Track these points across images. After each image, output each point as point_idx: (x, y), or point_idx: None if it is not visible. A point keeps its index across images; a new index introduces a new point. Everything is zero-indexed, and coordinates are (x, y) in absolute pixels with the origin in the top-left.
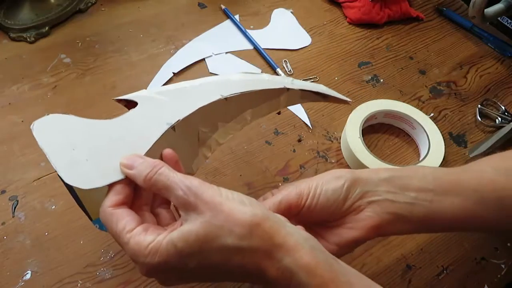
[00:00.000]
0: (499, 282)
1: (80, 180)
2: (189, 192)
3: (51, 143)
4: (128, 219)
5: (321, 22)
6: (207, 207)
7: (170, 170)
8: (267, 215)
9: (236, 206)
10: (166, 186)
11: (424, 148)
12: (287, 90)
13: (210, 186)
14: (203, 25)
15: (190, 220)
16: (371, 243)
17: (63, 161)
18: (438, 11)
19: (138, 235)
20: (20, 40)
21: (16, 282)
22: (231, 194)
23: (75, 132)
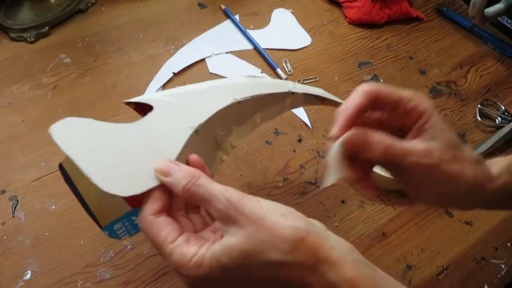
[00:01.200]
0: (499, 282)
1: (116, 187)
2: (229, 205)
3: (75, 148)
4: (169, 229)
5: (321, 22)
6: (249, 222)
7: (208, 181)
8: (310, 228)
9: (279, 220)
10: (205, 198)
11: None
12: (292, 94)
13: (249, 198)
14: (203, 25)
15: (232, 233)
16: (371, 243)
17: (94, 167)
18: (438, 11)
19: (180, 246)
20: (20, 40)
21: (16, 282)
22: (272, 205)
23: (97, 136)
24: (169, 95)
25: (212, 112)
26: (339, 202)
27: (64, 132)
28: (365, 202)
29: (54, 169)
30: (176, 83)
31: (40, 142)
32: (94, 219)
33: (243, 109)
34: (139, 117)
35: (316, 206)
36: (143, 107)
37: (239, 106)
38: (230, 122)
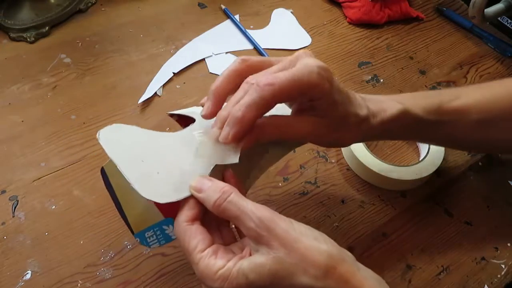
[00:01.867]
0: (499, 282)
1: (155, 194)
2: (261, 225)
3: (120, 154)
4: (200, 238)
5: (321, 22)
6: (281, 244)
7: (240, 198)
8: (344, 256)
9: (312, 244)
10: (236, 216)
11: (424, 148)
12: None
13: (282, 219)
14: (203, 25)
15: (262, 252)
16: (371, 243)
17: (136, 174)
18: (438, 11)
19: (208, 257)
20: (20, 40)
21: (16, 282)
22: (304, 229)
23: (141, 143)
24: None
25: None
26: (339, 202)
27: (109, 138)
28: (365, 202)
29: (54, 169)
30: (176, 83)
31: (40, 142)
32: (128, 225)
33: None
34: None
35: (316, 206)
36: (185, 120)
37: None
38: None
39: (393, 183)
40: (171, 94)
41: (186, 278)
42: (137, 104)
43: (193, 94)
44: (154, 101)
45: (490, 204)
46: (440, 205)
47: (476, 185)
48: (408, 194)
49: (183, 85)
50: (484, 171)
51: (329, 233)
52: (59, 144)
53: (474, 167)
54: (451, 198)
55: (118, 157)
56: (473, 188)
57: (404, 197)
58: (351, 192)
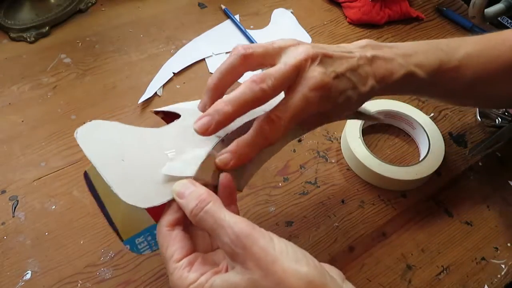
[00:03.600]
0: (499, 282)
1: (137, 198)
2: (237, 241)
3: (99, 155)
4: (179, 246)
5: (321, 22)
6: (257, 265)
7: (218, 208)
8: (325, 282)
9: (291, 266)
10: (213, 228)
11: (424, 148)
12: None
13: (261, 235)
14: (203, 25)
15: (237, 271)
16: (371, 243)
17: (116, 176)
18: (438, 11)
19: (182, 269)
20: (20, 40)
21: (16, 282)
22: (285, 247)
23: (122, 141)
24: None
25: (240, 123)
26: (339, 202)
27: (89, 136)
28: (365, 202)
29: (54, 169)
30: (176, 83)
31: (40, 142)
32: (116, 231)
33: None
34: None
35: (316, 206)
36: (171, 116)
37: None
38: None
39: (393, 183)
40: (171, 94)
41: None
42: (137, 104)
43: (193, 94)
44: (154, 101)
45: (490, 204)
46: (440, 205)
47: (476, 185)
48: (408, 194)
49: (183, 85)
50: (484, 171)
51: (329, 233)
52: (59, 144)
53: (474, 167)
54: (451, 198)
55: (98, 158)
56: (473, 188)
57: (404, 197)
58: (351, 192)
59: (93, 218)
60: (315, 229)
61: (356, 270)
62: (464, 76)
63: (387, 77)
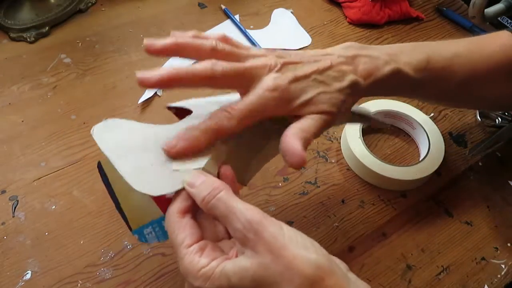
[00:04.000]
0: (499, 282)
1: (148, 187)
2: (249, 227)
3: (113, 148)
4: (189, 232)
5: (321, 22)
6: (268, 249)
7: (230, 196)
8: (333, 269)
9: (300, 253)
10: (224, 215)
11: (424, 148)
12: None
13: (272, 222)
14: (203, 25)
15: (247, 256)
16: (371, 243)
17: (129, 167)
18: (438, 11)
19: (193, 254)
20: (20, 40)
21: (16, 282)
22: (295, 235)
23: (135, 137)
24: (212, 102)
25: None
26: (339, 202)
27: (104, 133)
28: (365, 202)
29: (54, 169)
30: None
31: (40, 142)
32: (126, 221)
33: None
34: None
35: (316, 206)
36: (183, 112)
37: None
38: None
39: (393, 183)
40: (171, 94)
41: None
42: (137, 104)
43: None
44: (154, 101)
45: (490, 204)
46: (440, 205)
47: (476, 185)
48: (408, 194)
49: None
50: (484, 171)
51: (329, 233)
52: (59, 144)
53: (474, 167)
54: (451, 198)
55: (112, 151)
56: (473, 188)
57: (404, 197)
58: (351, 192)
59: (93, 218)
60: (315, 229)
61: (356, 270)
62: (455, 76)
63: (372, 73)
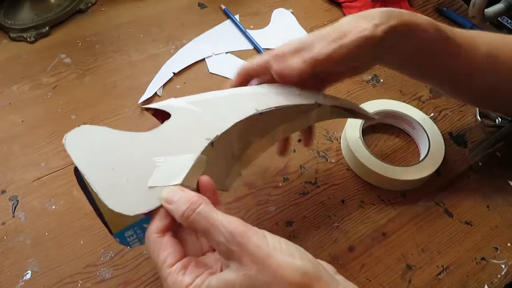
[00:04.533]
0: (499, 282)
1: (124, 206)
2: (232, 240)
3: (87, 162)
4: (170, 251)
5: (321, 22)
6: (252, 260)
7: (210, 209)
8: (319, 274)
9: (285, 260)
10: (205, 229)
11: (424, 148)
12: (318, 106)
13: (255, 232)
14: (203, 25)
15: (232, 269)
16: (371, 243)
17: (103, 183)
18: (438, 11)
19: (176, 273)
20: (20, 40)
21: (16, 282)
22: (279, 243)
23: (111, 147)
24: (190, 102)
25: (231, 123)
26: (339, 202)
27: (77, 142)
28: (365, 202)
29: (54, 169)
30: (176, 83)
31: (40, 142)
32: (106, 225)
33: (264, 121)
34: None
35: (316, 206)
36: (162, 114)
37: (260, 117)
38: (250, 134)
39: (393, 183)
40: (171, 94)
41: None
42: (137, 104)
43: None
44: (154, 101)
45: (490, 204)
46: (440, 205)
47: (476, 185)
48: (408, 194)
49: (183, 85)
50: (484, 171)
51: (329, 233)
52: (59, 144)
53: (474, 167)
54: (451, 198)
55: (85, 165)
56: (473, 188)
57: (404, 197)
58: (351, 192)
59: (93, 218)
60: (315, 229)
61: (356, 270)
62: (477, 50)
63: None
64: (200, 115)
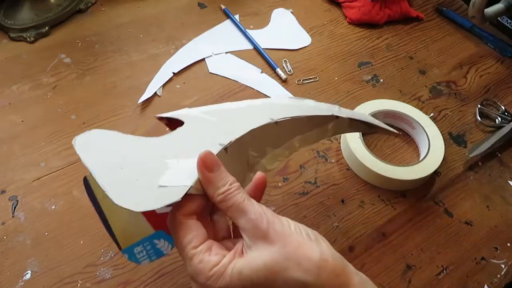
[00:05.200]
0: (499, 282)
1: (131, 202)
2: (261, 218)
3: (96, 161)
4: (196, 233)
5: (321, 22)
6: (277, 237)
7: (246, 194)
8: (333, 252)
9: (306, 241)
10: (240, 208)
11: (424, 148)
12: (336, 118)
13: (279, 218)
14: (203, 25)
15: (257, 248)
16: (371, 243)
17: (112, 181)
18: (438, 11)
19: (202, 253)
20: (20, 40)
21: (16, 282)
22: (299, 228)
23: (121, 150)
24: (204, 112)
25: (245, 131)
26: (339, 202)
27: (86, 144)
28: (365, 202)
29: (54, 169)
30: (176, 83)
31: (40, 142)
32: (115, 240)
33: (280, 131)
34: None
35: (316, 206)
36: (175, 123)
37: (276, 126)
38: (265, 144)
39: (393, 183)
40: (171, 94)
41: (186, 278)
42: (137, 104)
43: (193, 94)
44: (154, 101)
45: (490, 204)
46: (440, 205)
47: (476, 185)
48: (408, 194)
49: (183, 85)
50: (484, 171)
51: (329, 233)
52: (59, 144)
53: (474, 167)
54: (451, 198)
55: (94, 164)
56: (473, 188)
57: (404, 197)
58: (351, 192)
59: (93, 218)
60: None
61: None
62: None
63: None
64: (214, 123)
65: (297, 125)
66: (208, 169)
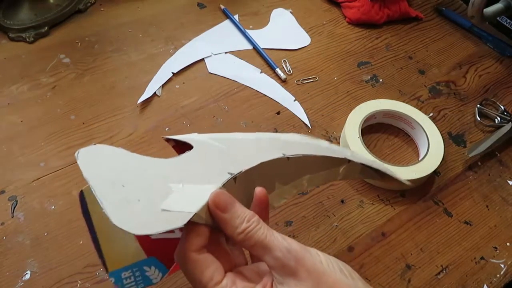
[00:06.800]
0: (498, 281)
1: (130, 224)
2: (288, 255)
3: (97, 177)
4: (214, 268)
5: (321, 22)
6: (309, 276)
7: (267, 227)
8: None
9: (340, 278)
10: (264, 245)
11: (423, 148)
12: (348, 162)
13: (308, 250)
14: (203, 25)
15: (289, 284)
16: (370, 243)
17: (111, 198)
18: (437, 10)
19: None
20: (19, 40)
21: (16, 282)
22: (331, 262)
23: (125, 167)
24: (213, 139)
25: (256, 163)
26: (339, 202)
27: (89, 158)
28: (364, 202)
29: (54, 169)
30: (176, 83)
31: (39, 142)
32: (102, 261)
33: (291, 167)
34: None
35: (315, 206)
36: (182, 146)
37: (287, 162)
38: (274, 179)
39: (393, 182)
40: (171, 94)
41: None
42: (136, 104)
43: (192, 94)
44: (154, 101)
45: (489, 204)
46: (439, 204)
47: (475, 185)
48: (408, 194)
49: (183, 85)
50: (484, 171)
51: (328, 233)
52: (59, 144)
53: (474, 167)
54: (450, 198)
55: (95, 179)
56: (472, 188)
57: (404, 197)
58: (350, 192)
59: None
60: (315, 229)
61: (356, 270)
62: None
63: None
64: (224, 151)
65: (309, 163)
66: (222, 210)
